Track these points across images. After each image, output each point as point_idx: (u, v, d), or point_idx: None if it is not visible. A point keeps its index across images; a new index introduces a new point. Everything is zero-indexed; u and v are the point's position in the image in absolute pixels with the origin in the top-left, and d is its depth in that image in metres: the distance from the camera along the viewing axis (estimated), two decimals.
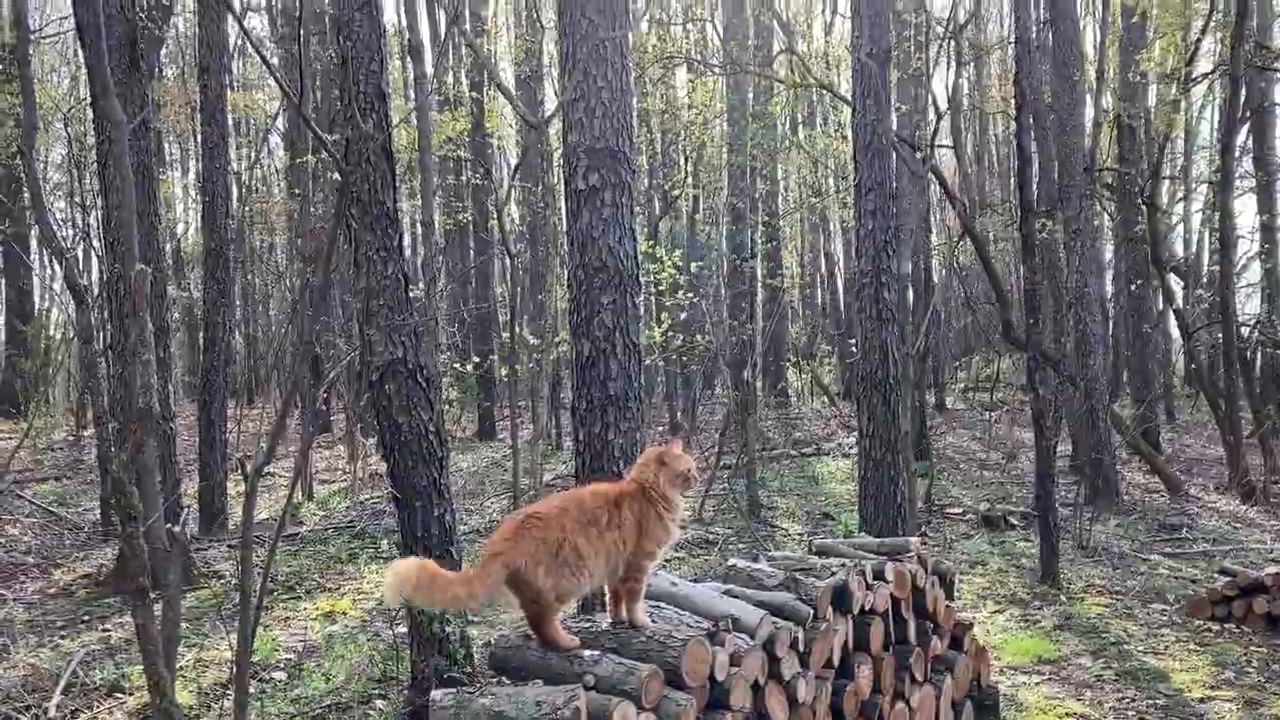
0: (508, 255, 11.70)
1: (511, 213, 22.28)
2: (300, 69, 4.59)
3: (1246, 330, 13.80)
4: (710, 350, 15.80)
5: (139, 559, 3.68)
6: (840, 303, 28.65)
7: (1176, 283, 16.73)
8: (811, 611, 3.59)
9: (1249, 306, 17.50)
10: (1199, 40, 13.67)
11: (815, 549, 4.50)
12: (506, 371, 12.20)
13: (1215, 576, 7.26)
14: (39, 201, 7.76)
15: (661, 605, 3.36)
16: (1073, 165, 11.45)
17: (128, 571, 3.78)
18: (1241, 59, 11.39)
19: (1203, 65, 15.27)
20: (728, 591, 3.62)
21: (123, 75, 8.33)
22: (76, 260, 15.64)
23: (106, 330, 9.88)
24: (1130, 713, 5.22)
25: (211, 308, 10.49)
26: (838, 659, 3.74)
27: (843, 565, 3.96)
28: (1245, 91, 12.47)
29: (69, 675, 5.52)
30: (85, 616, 7.25)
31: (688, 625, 3.22)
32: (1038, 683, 5.68)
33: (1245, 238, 18.27)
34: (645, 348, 7.10)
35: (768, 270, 21.63)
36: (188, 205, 26.35)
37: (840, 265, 29.57)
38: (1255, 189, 17.23)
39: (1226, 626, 6.66)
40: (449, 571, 2.89)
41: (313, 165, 17.05)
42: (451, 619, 5.03)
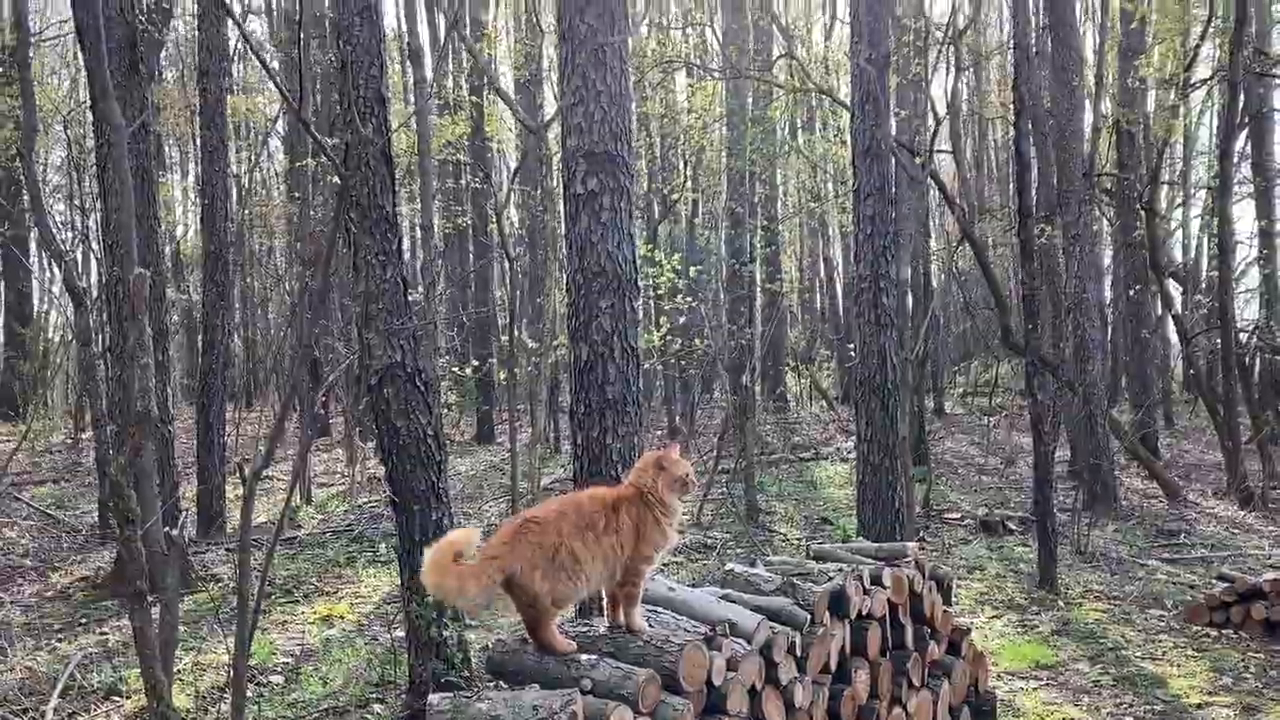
0: (507, 259, 11.72)
1: (511, 217, 22.28)
2: (300, 73, 4.60)
3: (1245, 336, 13.81)
4: (709, 355, 15.81)
5: (137, 562, 3.69)
6: (839, 307, 28.62)
7: (1175, 288, 16.75)
8: (809, 616, 3.59)
9: (1248, 312, 17.57)
10: (1198, 46, 13.70)
11: (813, 554, 4.49)
12: (505, 375, 12.21)
13: (1213, 582, 7.27)
14: (38, 204, 7.75)
15: (659, 610, 3.35)
16: (1071, 170, 11.47)
17: (125, 574, 3.78)
18: (1240, 65, 11.43)
19: (1201, 71, 15.29)
20: (725, 596, 3.61)
21: (122, 78, 8.34)
22: (75, 263, 15.67)
23: (105, 333, 9.87)
24: (1128, 718, 5.22)
25: (210, 311, 10.50)
26: (835, 664, 3.73)
27: (840, 570, 3.96)
28: (1244, 97, 12.49)
29: (66, 678, 5.50)
30: (83, 619, 7.24)
31: (685, 630, 3.22)
32: (1035, 688, 5.68)
33: (1244, 243, 18.26)
34: (644, 352, 7.11)
35: (766, 275, 21.65)
36: (187, 208, 26.34)
37: (839, 270, 29.57)
38: (1254, 194, 17.24)
39: (1224, 632, 6.66)
40: (463, 565, 2.82)
41: (312, 169, 17.04)
42: (449, 623, 5.03)
